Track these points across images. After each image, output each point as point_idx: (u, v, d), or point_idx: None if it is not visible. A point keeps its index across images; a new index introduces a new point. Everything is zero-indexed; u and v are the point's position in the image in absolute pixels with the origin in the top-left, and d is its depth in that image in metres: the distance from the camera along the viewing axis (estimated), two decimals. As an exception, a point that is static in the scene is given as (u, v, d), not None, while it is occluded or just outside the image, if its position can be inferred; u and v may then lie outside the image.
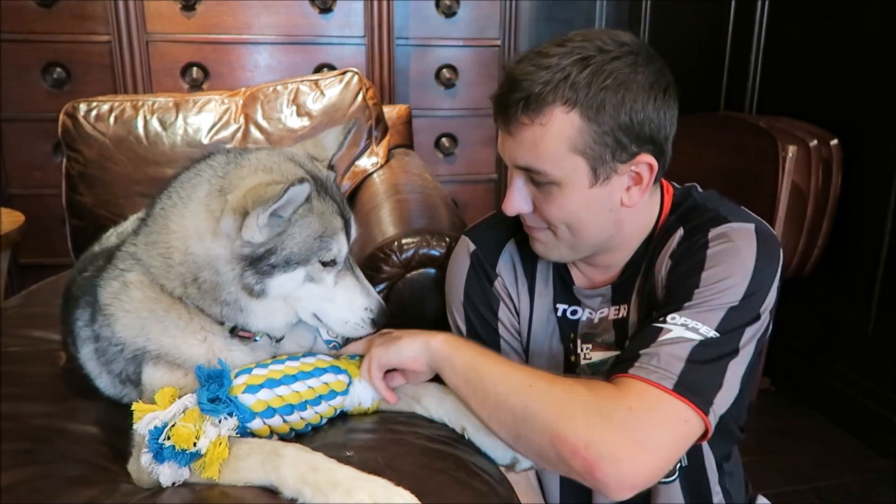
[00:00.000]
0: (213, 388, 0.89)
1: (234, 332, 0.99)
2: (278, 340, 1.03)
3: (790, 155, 2.09)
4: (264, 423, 0.92)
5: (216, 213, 0.91)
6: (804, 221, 2.17)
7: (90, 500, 0.85)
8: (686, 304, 0.91)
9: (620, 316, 1.09)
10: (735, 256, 0.93)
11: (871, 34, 2.12)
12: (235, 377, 0.92)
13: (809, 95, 2.38)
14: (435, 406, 1.04)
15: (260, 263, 0.91)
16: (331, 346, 1.47)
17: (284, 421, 0.93)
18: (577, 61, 0.92)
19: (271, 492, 0.82)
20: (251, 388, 0.92)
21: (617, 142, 0.94)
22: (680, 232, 1.02)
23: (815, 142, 2.15)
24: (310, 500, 0.78)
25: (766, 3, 2.56)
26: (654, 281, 1.03)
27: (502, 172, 3.25)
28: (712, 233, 0.97)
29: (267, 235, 0.89)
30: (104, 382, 1.08)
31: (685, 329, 0.88)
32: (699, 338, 0.88)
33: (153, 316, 0.98)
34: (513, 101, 0.94)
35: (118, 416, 1.04)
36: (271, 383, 0.93)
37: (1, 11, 2.62)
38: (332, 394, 0.97)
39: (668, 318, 0.90)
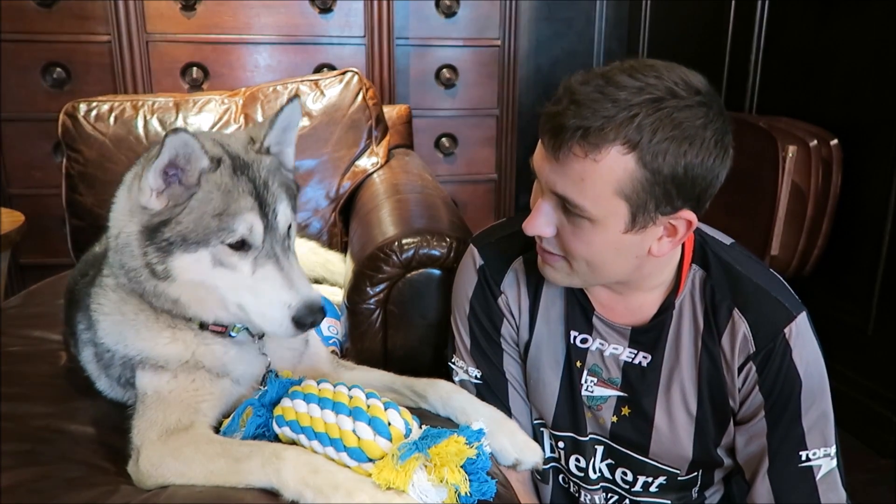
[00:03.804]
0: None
1: (203, 326, 0.97)
2: (261, 337, 1.01)
3: (790, 155, 2.09)
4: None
5: (133, 189, 0.92)
6: (804, 221, 2.16)
7: (91, 501, 0.86)
8: (807, 439, 1.00)
9: (635, 362, 1.07)
10: (816, 364, 1.01)
11: (871, 34, 2.12)
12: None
13: (809, 95, 2.37)
14: (442, 405, 1.04)
15: (156, 236, 0.88)
16: (330, 342, 1.46)
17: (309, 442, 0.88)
18: (648, 102, 0.86)
19: (272, 494, 0.82)
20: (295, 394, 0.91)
21: (665, 193, 0.89)
22: (744, 327, 0.99)
23: (815, 142, 2.14)
24: (311, 503, 0.78)
25: (766, 3, 2.56)
26: (722, 369, 1.02)
27: (502, 172, 3.25)
28: (790, 336, 0.99)
29: (164, 202, 0.88)
30: (104, 385, 1.09)
31: (828, 458, 1.00)
32: (835, 462, 1.01)
33: (125, 320, 0.97)
34: (570, 126, 0.87)
35: (118, 417, 1.04)
36: (310, 398, 0.89)
37: (1, 11, 2.61)
38: (358, 452, 0.83)
39: (810, 454, 1.00)
